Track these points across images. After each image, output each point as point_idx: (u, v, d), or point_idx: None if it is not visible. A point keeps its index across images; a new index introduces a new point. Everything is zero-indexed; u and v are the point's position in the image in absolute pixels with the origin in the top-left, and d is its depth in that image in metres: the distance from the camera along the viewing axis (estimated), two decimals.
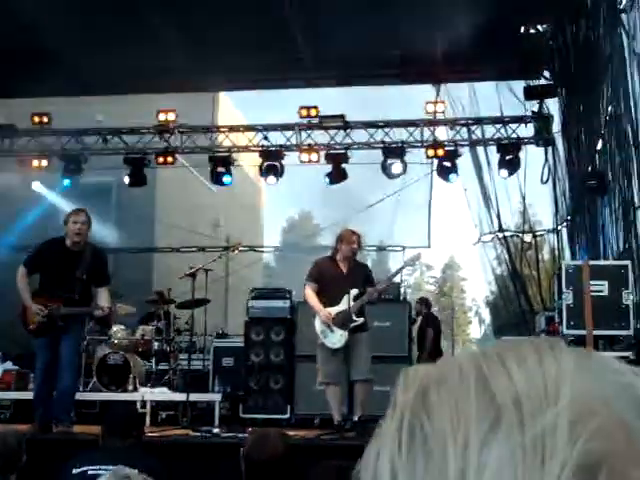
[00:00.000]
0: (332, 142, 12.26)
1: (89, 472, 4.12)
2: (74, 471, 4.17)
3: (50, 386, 7.47)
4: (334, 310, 7.55)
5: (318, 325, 7.64)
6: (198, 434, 7.45)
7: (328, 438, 7.23)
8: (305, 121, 12.12)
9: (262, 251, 16.46)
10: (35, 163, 12.72)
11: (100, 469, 4.07)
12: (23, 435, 4.76)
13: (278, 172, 12.16)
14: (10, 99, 13.01)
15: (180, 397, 9.34)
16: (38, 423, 7.06)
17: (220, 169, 12.33)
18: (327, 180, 12.25)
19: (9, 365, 10.52)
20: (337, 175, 12.15)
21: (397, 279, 9.40)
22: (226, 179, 12.41)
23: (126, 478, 2.81)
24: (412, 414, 0.53)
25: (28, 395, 9.38)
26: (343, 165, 12.14)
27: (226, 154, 12.37)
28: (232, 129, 12.74)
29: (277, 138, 12.29)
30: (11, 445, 4.51)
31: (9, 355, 10.96)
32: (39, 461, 4.94)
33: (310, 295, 7.74)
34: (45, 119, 12.33)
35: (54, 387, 7.44)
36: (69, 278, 7.28)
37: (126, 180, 12.62)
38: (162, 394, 9.56)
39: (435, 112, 11.98)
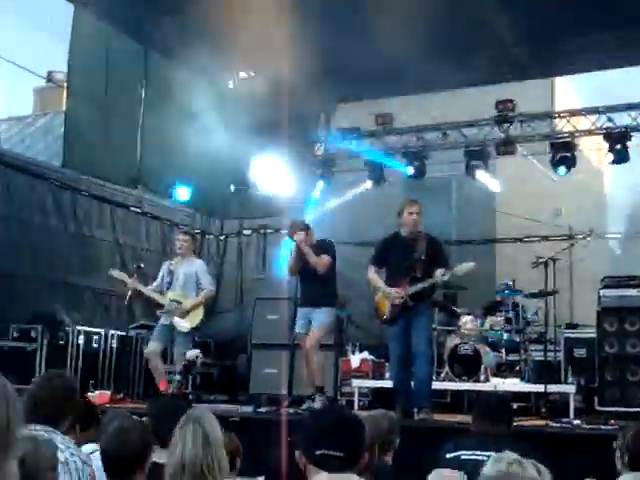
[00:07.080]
0: None
1: (462, 457, 4.22)
2: (448, 455, 4.30)
3: (407, 373, 7.83)
4: None
5: None
6: (557, 425, 7.32)
7: None
8: None
9: (609, 238, 15.69)
10: None
11: (474, 454, 4.17)
12: (393, 418, 5.03)
13: (625, 155, 11.48)
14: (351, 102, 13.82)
15: (534, 388, 9.25)
16: (400, 409, 7.36)
17: (561, 155, 11.98)
18: None
19: (366, 355, 11.13)
20: None
21: None
22: (566, 167, 12.03)
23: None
24: None
25: (384, 383, 9.87)
26: None
27: (567, 139, 12.00)
28: (573, 113, 12.29)
29: (623, 119, 11.62)
30: (384, 427, 4.80)
31: (366, 346, 11.60)
32: (409, 445, 5.16)
33: None
34: (387, 119, 12.83)
35: (411, 375, 7.80)
36: (409, 261, 7.74)
37: (466, 173, 12.77)
38: (515, 385, 9.53)
39: None
